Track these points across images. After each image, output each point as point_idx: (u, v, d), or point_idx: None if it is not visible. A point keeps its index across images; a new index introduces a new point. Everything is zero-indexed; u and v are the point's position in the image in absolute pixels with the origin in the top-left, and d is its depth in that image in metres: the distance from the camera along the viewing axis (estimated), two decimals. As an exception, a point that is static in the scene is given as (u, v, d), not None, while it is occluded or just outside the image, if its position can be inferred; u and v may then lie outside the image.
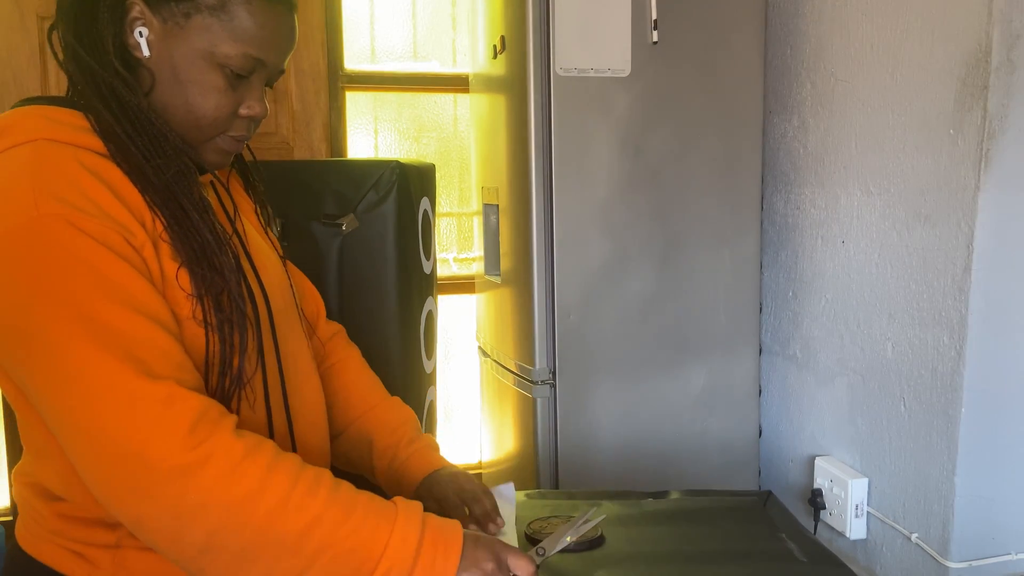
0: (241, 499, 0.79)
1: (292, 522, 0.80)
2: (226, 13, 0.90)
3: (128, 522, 0.81)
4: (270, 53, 0.94)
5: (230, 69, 0.92)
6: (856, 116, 1.71)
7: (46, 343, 0.79)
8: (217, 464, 0.79)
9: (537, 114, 1.76)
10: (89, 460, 0.80)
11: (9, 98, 2.22)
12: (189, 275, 0.87)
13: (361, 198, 1.74)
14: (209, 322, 0.88)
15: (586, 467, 1.84)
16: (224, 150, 0.98)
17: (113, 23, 0.89)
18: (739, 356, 1.93)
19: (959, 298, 1.46)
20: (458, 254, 2.63)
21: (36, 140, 0.85)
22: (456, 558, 0.85)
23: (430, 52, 2.55)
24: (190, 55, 0.90)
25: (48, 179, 0.81)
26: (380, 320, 1.77)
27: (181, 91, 0.91)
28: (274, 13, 0.93)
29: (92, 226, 0.80)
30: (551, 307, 1.80)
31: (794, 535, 1.13)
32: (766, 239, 2.03)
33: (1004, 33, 1.37)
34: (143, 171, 0.87)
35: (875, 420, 1.68)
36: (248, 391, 0.93)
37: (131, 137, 0.88)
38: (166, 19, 0.90)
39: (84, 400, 0.78)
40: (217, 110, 0.93)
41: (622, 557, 1.05)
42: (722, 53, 1.85)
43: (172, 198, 0.88)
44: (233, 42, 0.90)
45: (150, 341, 0.81)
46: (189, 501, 0.78)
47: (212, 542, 0.79)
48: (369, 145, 2.54)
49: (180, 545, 0.80)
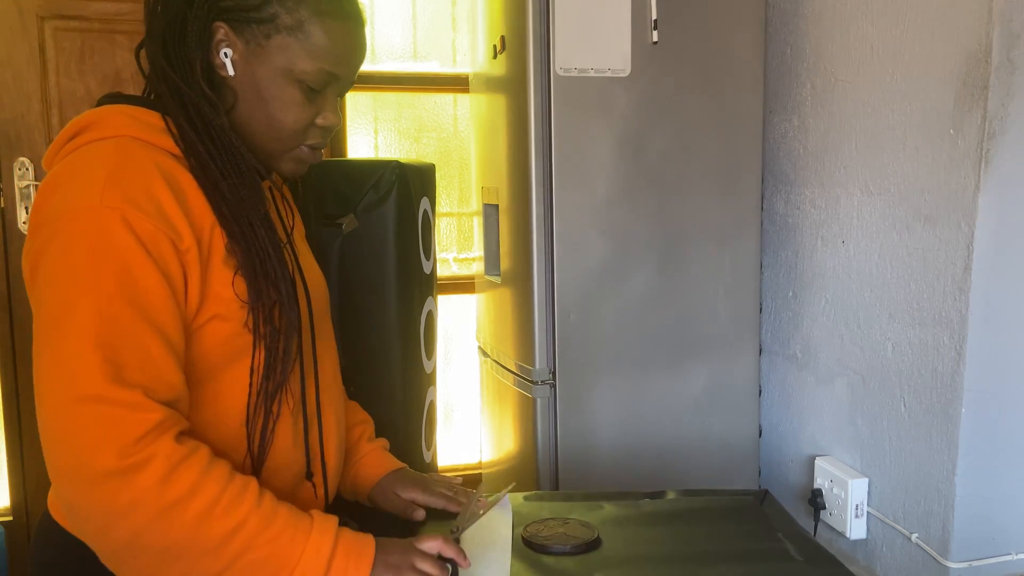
0: (172, 502, 0.83)
1: (218, 526, 0.84)
2: (303, 32, 0.96)
3: (62, 505, 0.88)
4: (343, 67, 1.01)
5: (307, 84, 0.98)
6: (856, 116, 1.71)
7: (56, 321, 0.85)
8: (154, 469, 0.83)
9: (537, 114, 1.76)
10: (44, 436, 0.84)
11: (9, 98, 2.22)
12: (247, 285, 0.94)
13: (361, 198, 1.74)
14: (259, 331, 0.94)
15: (586, 467, 1.84)
16: (301, 160, 1.04)
17: (201, 45, 0.96)
18: (739, 356, 1.93)
19: (959, 298, 1.45)
20: (458, 254, 2.63)
21: (121, 136, 0.92)
22: (368, 566, 0.91)
23: (430, 52, 2.55)
24: (271, 73, 0.97)
25: (121, 174, 0.88)
26: (380, 320, 1.77)
27: (263, 106, 0.98)
28: (346, 30, 1.00)
29: (144, 227, 0.86)
30: (551, 307, 1.80)
31: (790, 534, 1.12)
32: (766, 239, 2.03)
33: (1004, 33, 1.36)
34: (216, 183, 0.94)
35: (875, 420, 1.68)
36: (288, 395, 1.00)
37: (211, 155, 0.95)
38: (248, 40, 0.96)
39: (59, 385, 0.83)
40: (296, 122, 1.00)
41: (619, 559, 1.05)
42: (722, 53, 1.85)
43: (243, 212, 0.95)
44: (310, 59, 0.97)
45: (141, 349, 0.86)
46: (121, 500, 0.82)
47: (137, 541, 0.83)
48: (369, 145, 2.54)
49: (105, 539, 0.84)
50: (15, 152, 2.24)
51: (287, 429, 1.01)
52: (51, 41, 2.24)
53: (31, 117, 2.24)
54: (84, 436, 0.82)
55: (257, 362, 0.95)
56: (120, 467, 0.81)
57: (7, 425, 2.31)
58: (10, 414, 2.30)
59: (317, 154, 1.06)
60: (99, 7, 2.24)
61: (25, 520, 2.31)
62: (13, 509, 2.33)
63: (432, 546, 0.97)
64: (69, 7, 2.23)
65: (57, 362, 0.84)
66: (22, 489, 2.31)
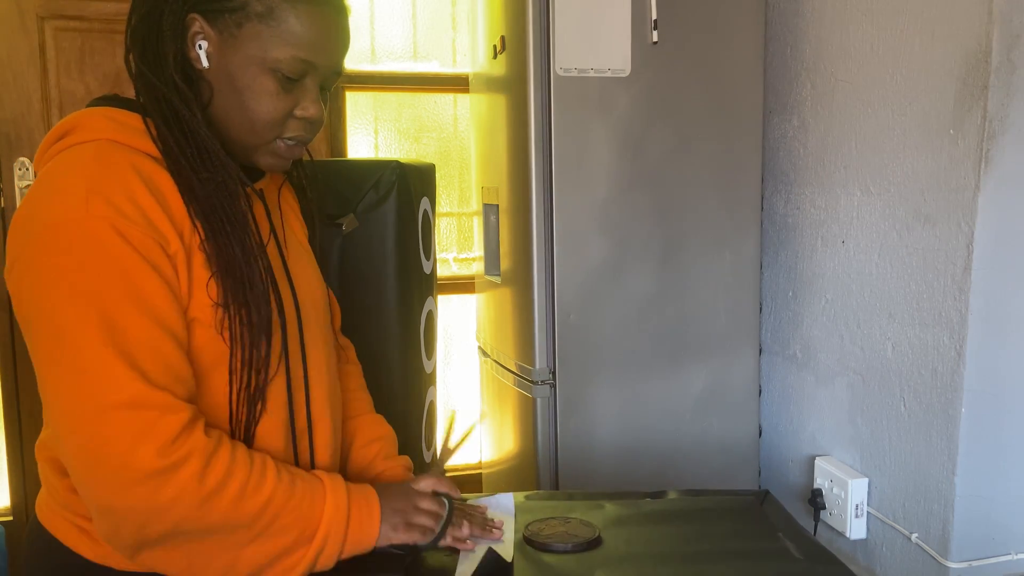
0: (211, 491, 0.87)
1: (250, 504, 0.90)
2: (274, 19, 0.94)
3: (97, 509, 0.87)
4: (320, 55, 0.97)
5: (282, 73, 0.95)
6: (856, 116, 1.71)
7: (63, 334, 0.85)
8: (193, 464, 0.87)
9: (537, 114, 1.76)
10: (76, 446, 0.85)
11: (9, 98, 2.22)
12: (218, 285, 0.93)
13: (361, 198, 1.74)
14: (233, 333, 0.94)
15: (586, 467, 1.84)
16: (279, 154, 1.01)
17: (175, 39, 0.94)
18: (739, 356, 1.93)
19: (959, 298, 1.45)
20: (458, 254, 2.63)
21: (99, 140, 0.92)
22: (378, 512, 0.99)
23: (430, 52, 2.55)
24: (244, 62, 0.95)
25: (103, 181, 0.87)
26: (380, 320, 1.77)
27: (238, 98, 0.96)
28: (321, 15, 0.96)
29: (134, 234, 0.86)
30: (551, 307, 1.80)
31: (791, 534, 1.13)
32: (766, 239, 2.03)
33: (1004, 33, 1.37)
34: (190, 182, 0.93)
35: (875, 420, 1.68)
36: (269, 396, 0.99)
37: (181, 148, 0.93)
38: (221, 31, 0.94)
39: (86, 395, 0.84)
40: (271, 113, 0.97)
41: (620, 557, 1.05)
42: (722, 53, 1.85)
43: (213, 210, 0.93)
44: (282, 46, 0.94)
45: (158, 352, 0.87)
46: (163, 497, 0.85)
47: (176, 530, 0.87)
48: (369, 145, 2.54)
49: (142, 534, 0.87)
50: (15, 152, 2.25)
51: (276, 435, 1.01)
52: (51, 41, 2.24)
53: (31, 117, 2.25)
54: (122, 441, 0.84)
55: (235, 364, 0.96)
56: (162, 466, 0.85)
57: (7, 425, 2.30)
58: (10, 414, 2.30)
59: (297, 149, 1.03)
60: (99, 7, 2.24)
61: (25, 520, 2.31)
62: (13, 509, 2.33)
63: (427, 484, 1.07)
64: (69, 7, 2.23)
65: (79, 373, 0.84)
66: (22, 489, 2.31)
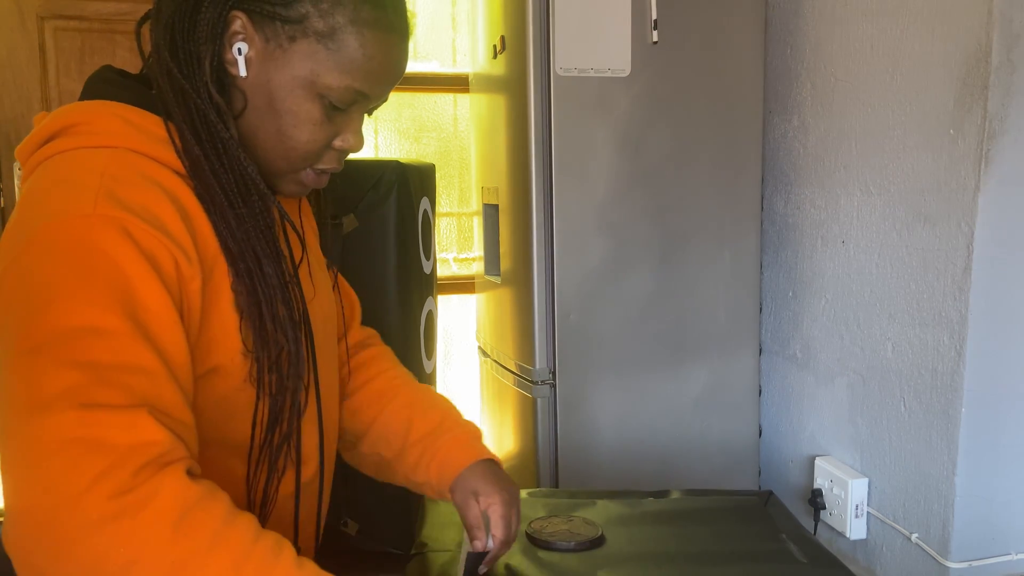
0: (185, 558, 0.65)
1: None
2: (335, 42, 0.82)
3: (18, 555, 0.65)
4: (375, 87, 0.87)
5: (329, 101, 0.84)
6: (856, 116, 1.71)
7: (26, 329, 0.69)
8: (159, 511, 0.65)
9: (537, 114, 1.76)
10: (10, 486, 0.66)
11: (9, 98, 2.22)
12: (252, 331, 0.81)
13: (361, 198, 1.74)
14: (263, 381, 0.82)
15: (586, 467, 1.84)
16: (304, 183, 0.90)
17: (212, 36, 0.81)
18: (739, 356, 1.93)
19: (959, 298, 1.46)
20: (458, 254, 2.63)
21: (118, 148, 0.78)
22: None
23: (430, 52, 2.55)
24: (289, 82, 0.82)
25: (117, 187, 0.75)
26: (380, 320, 1.76)
27: (275, 120, 0.84)
28: (387, 44, 0.85)
29: (145, 236, 0.73)
30: (551, 307, 1.80)
31: (794, 535, 1.13)
32: (766, 239, 2.03)
33: (1004, 33, 1.37)
34: (223, 213, 0.80)
35: (875, 420, 1.68)
36: (292, 449, 0.88)
37: (218, 176, 0.81)
38: (269, 39, 0.82)
39: (34, 408, 0.66)
40: (310, 144, 0.86)
41: (623, 557, 1.05)
42: (722, 53, 1.85)
43: (249, 248, 0.81)
44: (338, 73, 0.83)
45: (140, 369, 0.70)
46: (116, 559, 0.63)
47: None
48: (369, 145, 2.54)
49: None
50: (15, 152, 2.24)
51: (289, 483, 0.90)
52: (51, 41, 2.24)
53: (31, 117, 2.23)
54: (74, 476, 0.65)
55: (260, 415, 0.83)
56: (118, 507, 0.64)
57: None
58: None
59: (325, 178, 0.91)
60: (99, 7, 2.24)
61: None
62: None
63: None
64: (69, 7, 2.23)
65: (25, 380, 0.67)
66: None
